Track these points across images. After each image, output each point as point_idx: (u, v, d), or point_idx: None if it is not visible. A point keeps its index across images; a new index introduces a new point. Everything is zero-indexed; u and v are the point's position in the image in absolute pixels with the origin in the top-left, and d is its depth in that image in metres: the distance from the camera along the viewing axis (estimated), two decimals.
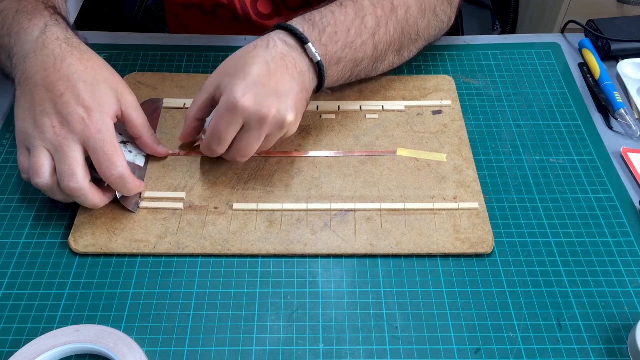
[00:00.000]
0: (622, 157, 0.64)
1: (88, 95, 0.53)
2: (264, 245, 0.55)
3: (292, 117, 0.56)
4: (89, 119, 0.52)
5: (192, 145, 0.63)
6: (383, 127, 0.65)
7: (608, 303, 0.52)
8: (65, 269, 0.54)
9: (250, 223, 0.57)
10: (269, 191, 0.59)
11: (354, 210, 0.58)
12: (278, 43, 0.57)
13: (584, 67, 0.74)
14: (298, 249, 0.55)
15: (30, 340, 0.48)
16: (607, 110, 0.69)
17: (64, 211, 0.58)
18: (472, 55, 0.75)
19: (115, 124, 0.55)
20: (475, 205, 0.58)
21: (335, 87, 0.66)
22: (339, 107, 0.67)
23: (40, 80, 0.53)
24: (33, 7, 0.57)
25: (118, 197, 0.57)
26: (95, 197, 0.54)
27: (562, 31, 0.80)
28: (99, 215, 0.57)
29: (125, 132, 0.60)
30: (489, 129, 0.66)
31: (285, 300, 0.52)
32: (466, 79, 0.72)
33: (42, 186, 0.53)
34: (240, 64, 0.55)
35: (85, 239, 0.55)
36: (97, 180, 0.55)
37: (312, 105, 0.67)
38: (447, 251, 0.55)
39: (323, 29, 0.59)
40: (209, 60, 0.73)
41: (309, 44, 0.57)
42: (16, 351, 0.48)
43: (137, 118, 0.58)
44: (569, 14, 1.39)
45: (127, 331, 0.50)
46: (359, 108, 0.67)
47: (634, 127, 0.66)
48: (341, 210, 0.58)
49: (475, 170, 0.61)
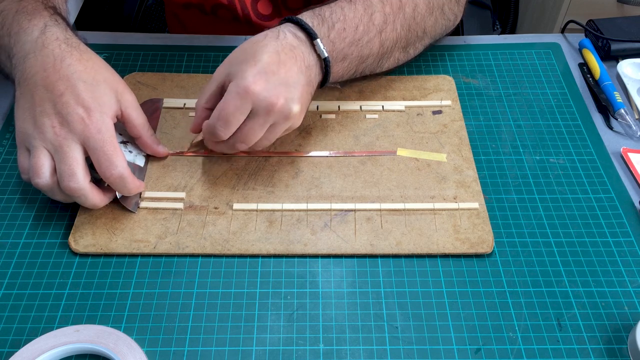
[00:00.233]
0: (622, 157, 0.64)
1: (88, 95, 0.53)
2: (264, 245, 0.55)
3: (298, 108, 0.56)
4: (89, 119, 0.52)
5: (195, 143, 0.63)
6: (383, 127, 0.65)
7: (608, 303, 0.52)
8: (65, 269, 0.54)
9: (250, 223, 0.57)
10: (269, 191, 0.59)
11: (354, 210, 0.58)
12: (288, 35, 0.57)
13: (584, 67, 0.74)
14: (298, 249, 0.55)
15: (30, 340, 0.48)
16: (607, 110, 0.69)
17: (64, 211, 0.58)
18: (472, 55, 0.75)
19: (115, 124, 0.55)
20: (475, 205, 0.58)
21: (341, 82, 0.66)
22: (339, 107, 0.67)
23: (39, 81, 0.53)
24: (33, 7, 0.57)
25: (118, 197, 0.57)
26: (95, 197, 0.54)
27: (562, 31, 0.80)
28: (99, 215, 0.57)
29: (125, 132, 0.60)
30: (489, 129, 0.66)
31: (285, 300, 0.52)
32: (466, 79, 0.72)
33: (42, 186, 0.53)
34: (250, 52, 0.55)
35: (85, 239, 0.55)
36: (97, 180, 0.55)
37: (312, 105, 0.67)
38: (447, 251, 0.55)
39: (332, 24, 0.59)
40: (209, 60, 0.73)
41: (318, 39, 0.57)
42: (16, 351, 0.48)
43: (137, 118, 0.58)
44: (569, 14, 1.39)
45: (127, 331, 0.50)
46: (359, 108, 0.67)
47: (634, 127, 0.66)
48: (341, 210, 0.58)
49: (475, 170, 0.61)
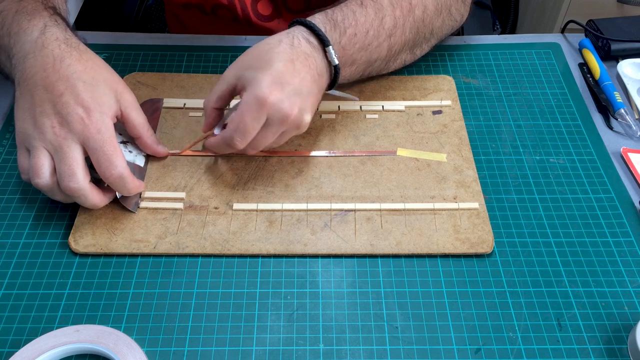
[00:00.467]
0: (622, 157, 0.64)
1: (87, 95, 0.53)
2: (264, 245, 0.55)
3: (309, 118, 0.57)
4: (88, 119, 0.52)
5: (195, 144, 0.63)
6: (383, 127, 0.65)
7: (608, 303, 0.52)
8: (65, 269, 0.54)
9: (250, 223, 0.57)
10: (269, 191, 0.59)
11: (354, 210, 0.58)
12: (302, 42, 0.56)
13: (584, 67, 0.74)
14: (298, 249, 0.55)
15: (30, 340, 0.48)
16: (607, 110, 0.69)
17: (64, 211, 0.58)
18: (472, 55, 0.75)
19: (115, 124, 0.55)
20: (475, 205, 0.58)
21: (348, 85, 0.67)
22: (339, 107, 0.67)
23: (39, 81, 0.53)
24: (32, 7, 0.57)
25: (118, 197, 0.57)
26: (95, 197, 0.54)
27: (562, 31, 0.80)
28: (99, 215, 0.57)
29: (125, 132, 0.60)
30: (489, 129, 0.66)
31: (285, 300, 0.52)
32: (466, 79, 0.72)
33: (42, 186, 0.53)
34: (265, 58, 0.55)
35: (85, 239, 0.55)
36: (97, 180, 0.55)
37: None
38: (447, 251, 0.55)
39: (344, 30, 0.58)
40: (209, 60, 0.73)
41: (330, 46, 0.57)
42: (16, 351, 0.48)
43: (137, 118, 0.58)
44: (569, 14, 1.39)
45: (127, 331, 0.50)
46: (359, 108, 0.67)
47: (634, 127, 0.66)
48: (341, 210, 0.58)
49: (475, 170, 0.61)
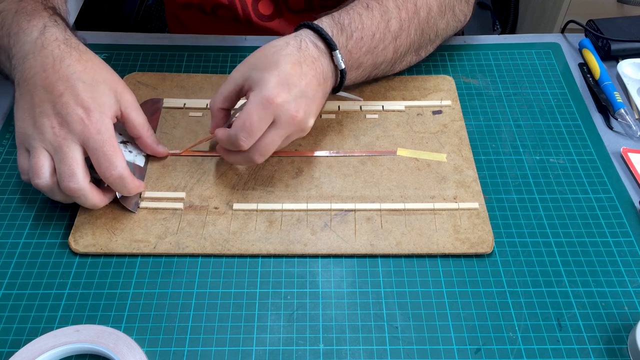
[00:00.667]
0: (622, 157, 0.64)
1: (87, 95, 0.53)
2: (264, 245, 0.55)
3: (313, 122, 0.57)
4: (88, 119, 0.52)
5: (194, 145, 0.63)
6: (383, 127, 0.65)
7: (608, 303, 0.52)
8: (65, 269, 0.54)
9: (250, 223, 0.57)
10: (269, 191, 0.59)
11: (354, 210, 0.58)
12: (310, 45, 0.56)
13: (584, 67, 0.74)
14: (298, 249, 0.55)
15: (30, 340, 0.48)
16: (607, 110, 0.69)
17: (64, 211, 0.58)
18: (472, 55, 0.75)
19: (115, 124, 0.55)
20: (475, 205, 0.58)
21: (352, 87, 0.67)
22: (339, 107, 0.67)
23: (39, 81, 0.53)
24: (32, 7, 0.57)
25: (118, 197, 0.57)
26: (95, 198, 0.54)
27: (562, 31, 0.80)
28: (99, 215, 0.57)
29: (125, 132, 0.60)
30: (489, 129, 0.66)
31: (285, 300, 0.52)
32: (466, 79, 0.72)
33: (42, 187, 0.53)
34: (272, 60, 0.55)
35: (85, 239, 0.55)
36: (97, 180, 0.55)
37: None
38: (447, 251, 0.55)
39: (350, 34, 0.58)
40: (209, 60, 0.73)
41: (337, 51, 0.57)
42: (16, 351, 0.48)
43: (137, 118, 0.58)
44: (569, 14, 1.39)
45: (127, 331, 0.50)
46: (359, 108, 0.67)
47: (634, 127, 0.66)
48: (341, 210, 0.58)
49: (475, 170, 0.61)
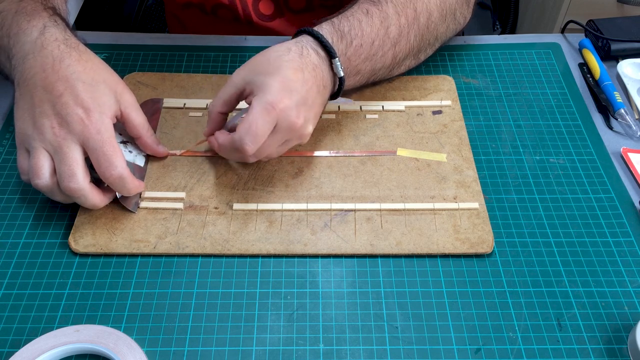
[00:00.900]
0: (622, 157, 0.64)
1: (87, 95, 0.53)
2: (264, 245, 0.55)
3: (312, 129, 0.57)
4: (88, 119, 0.52)
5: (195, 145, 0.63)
6: (383, 127, 0.65)
7: (608, 303, 0.52)
8: (65, 269, 0.54)
9: (250, 223, 0.57)
10: (269, 191, 0.59)
11: (354, 210, 0.58)
12: (311, 52, 0.56)
13: (584, 67, 0.74)
14: (298, 249, 0.55)
15: (30, 340, 0.48)
16: (607, 110, 0.69)
17: (64, 211, 0.58)
18: (472, 55, 0.75)
19: (115, 124, 0.55)
20: (475, 205, 0.58)
21: (350, 92, 0.67)
22: (339, 107, 0.67)
23: (39, 81, 0.53)
24: (32, 7, 0.57)
25: (118, 197, 0.57)
26: (95, 198, 0.54)
27: (562, 31, 0.80)
28: (99, 215, 0.57)
29: (125, 132, 0.60)
30: (489, 129, 0.66)
31: (285, 300, 0.52)
32: (466, 79, 0.72)
33: (42, 187, 0.53)
34: (274, 65, 0.55)
35: (85, 239, 0.55)
36: (97, 180, 0.55)
37: None
38: (447, 251, 0.55)
39: (350, 41, 0.58)
40: (209, 60, 0.73)
41: (337, 58, 0.57)
42: (16, 351, 0.48)
43: (137, 118, 0.58)
44: (569, 14, 1.39)
45: (127, 331, 0.50)
46: (359, 108, 0.67)
47: (634, 127, 0.66)
48: (341, 210, 0.58)
49: (475, 170, 0.61)
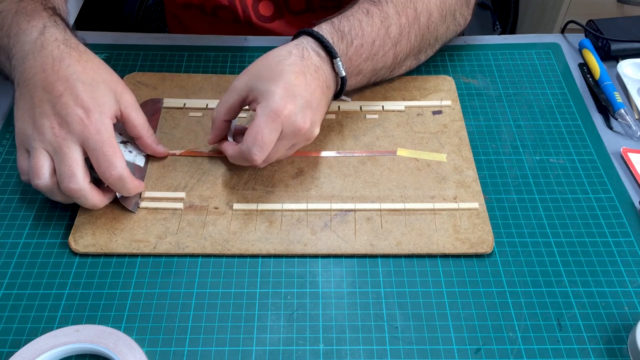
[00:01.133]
0: (622, 157, 0.64)
1: (87, 95, 0.53)
2: (264, 245, 0.55)
3: (318, 130, 0.57)
4: (88, 119, 0.52)
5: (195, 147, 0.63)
6: (383, 127, 0.65)
7: (608, 303, 0.52)
8: (65, 269, 0.54)
9: (250, 223, 0.57)
10: (269, 191, 0.59)
11: (354, 210, 0.58)
12: (312, 54, 0.56)
13: (584, 67, 0.74)
14: (298, 249, 0.55)
15: (30, 340, 0.48)
16: (607, 110, 0.69)
17: (64, 211, 0.58)
18: (472, 55, 0.75)
19: (115, 124, 0.55)
20: (475, 205, 0.58)
21: (351, 92, 0.67)
22: (339, 107, 0.67)
23: (39, 82, 0.53)
24: (32, 8, 0.57)
25: (118, 197, 0.57)
26: (95, 198, 0.54)
27: (562, 31, 0.80)
28: (99, 215, 0.57)
29: (125, 132, 0.60)
30: (489, 129, 0.66)
31: (285, 300, 0.52)
32: (466, 79, 0.72)
33: (42, 187, 0.53)
34: (276, 70, 0.54)
35: (85, 239, 0.55)
36: (97, 180, 0.55)
37: None
38: (447, 251, 0.55)
39: (351, 41, 0.58)
40: (209, 60, 0.73)
41: (338, 58, 0.57)
42: (16, 351, 0.48)
43: (137, 118, 0.58)
44: (569, 14, 1.39)
45: (127, 331, 0.50)
46: (359, 108, 0.67)
47: (634, 127, 0.66)
48: (341, 210, 0.58)
49: (475, 170, 0.61)
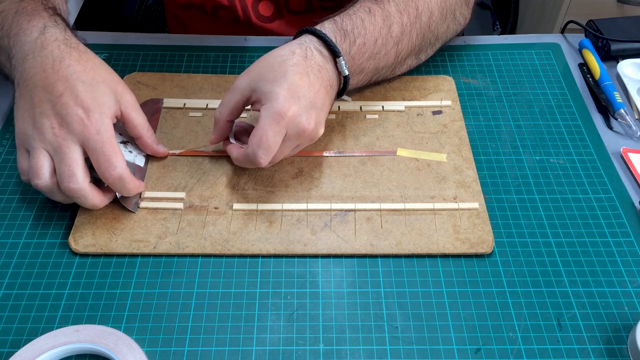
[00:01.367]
0: (622, 157, 0.64)
1: (87, 95, 0.53)
2: (264, 245, 0.55)
3: (323, 130, 0.57)
4: (88, 119, 0.52)
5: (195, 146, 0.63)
6: (383, 127, 0.65)
7: (608, 303, 0.52)
8: (65, 269, 0.54)
9: (250, 223, 0.57)
10: (269, 191, 0.59)
11: (354, 210, 0.58)
12: (315, 53, 0.56)
13: (584, 67, 0.74)
14: (298, 249, 0.55)
15: (30, 340, 0.48)
16: (607, 110, 0.69)
17: (64, 211, 0.58)
18: (472, 55, 0.75)
19: (115, 124, 0.55)
20: (475, 205, 0.58)
21: (353, 91, 0.67)
22: (339, 107, 0.67)
23: (39, 81, 0.53)
24: (32, 7, 0.57)
25: (118, 197, 0.57)
26: (95, 198, 0.54)
27: (562, 31, 0.80)
28: (99, 215, 0.57)
29: (125, 132, 0.60)
30: (489, 129, 0.66)
31: (285, 300, 0.52)
32: (466, 79, 0.72)
33: (42, 187, 0.53)
34: (280, 71, 0.54)
35: (85, 239, 0.55)
36: (97, 180, 0.55)
37: None
38: (447, 251, 0.55)
39: (353, 40, 0.58)
40: (209, 60, 0.73)
41: (341, 57, 0.57)
42: (16, 351, 0.48)
43: (137, 118, 0.58)
44: (569, 14, 1.39)
45: (127, 331, 0.50)
46: (359, 108, 0.67)
47: (634, 127, 0.66)
48: (341, 210, 0.58)
49: (475, 170, 0.61)
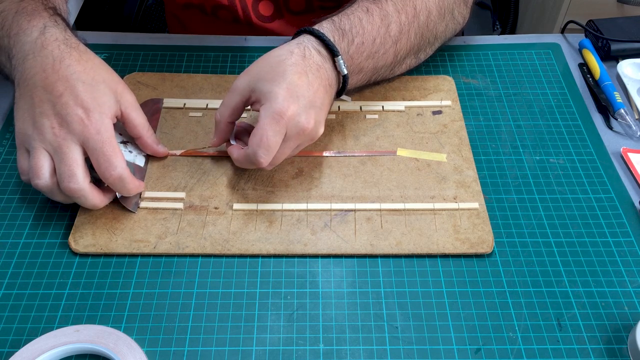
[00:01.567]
0: (622, 157, 0.64)
1: (87, 95, 0.53)
2: (264, 245, 0.55)
3: (323, 129, 0.57)
4: (88, 119, 0.52)
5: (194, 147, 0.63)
6: (383, 127, 0.65)
7: (608, 303, 0.52)
8: (65, 269, 0.54)
9: (250, 223, 0.57)
10: (269, 191, 0.59)
11: (354, 210, 0.58)
12: (313, 53, 0.56)
13: (584, 67, 0.74)
14: (298, 249, 0.55)
15: (30, 340, 0.48)
16: (607, 110, 0.69)
17: (64, 211, 0.58)
18: (472, 55, 0.75)
19: (115, 124, 0.55)
20: (475, 205, 0.58)
21: (352, 91, 0.66)
22: (339, 107, 0.67)
23: (39, 81, 0.53)
24: (32, 7, 0.57)
25: (118, 197, 0.57)
26: (95, 198, 0.54)
27: (562, 31, 0.80)
28: (99, 215, 0.57)
29: (125, 132, 0.60)
30: (489, 129, 0.66)
31: (285, 300, 0.52)
32: (466, 79, 0.72)
33: (42, 187, 0.53)
34: (278, 71, 0.54)
35: (85, 239, 0.55)
36: (97, 180, 0.55)
37: None
38: (447, 251, 0.55)
39: (352, 39, 0.58)
40: (209, 60, 0.73)
41: (339, 57, 0.57)
42: (16, 351, 0.48)
43: (137, 118, 0.58)
44: (569, 14, 1.39)
45: (127, 331, 0.50)
46: (359, 108, 0.67)
47: (634, 127, 0.66)
48: (341, 210, 0.58)
49: (475, 170, 0.61)
